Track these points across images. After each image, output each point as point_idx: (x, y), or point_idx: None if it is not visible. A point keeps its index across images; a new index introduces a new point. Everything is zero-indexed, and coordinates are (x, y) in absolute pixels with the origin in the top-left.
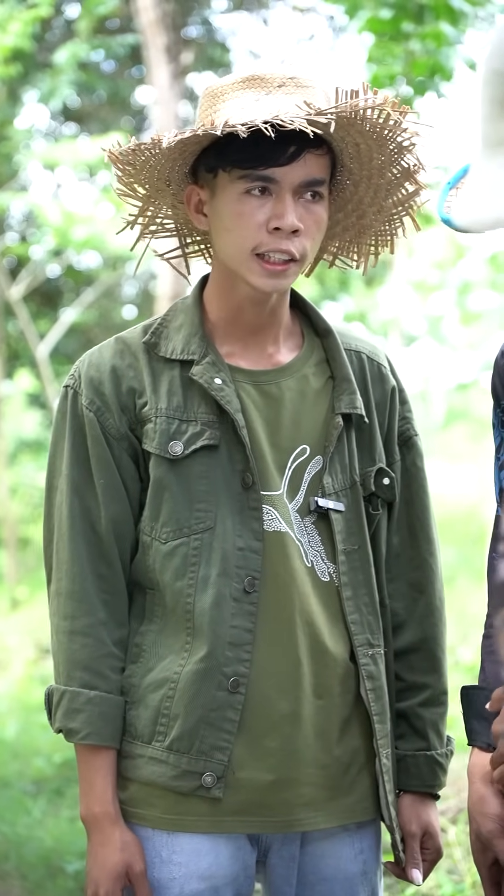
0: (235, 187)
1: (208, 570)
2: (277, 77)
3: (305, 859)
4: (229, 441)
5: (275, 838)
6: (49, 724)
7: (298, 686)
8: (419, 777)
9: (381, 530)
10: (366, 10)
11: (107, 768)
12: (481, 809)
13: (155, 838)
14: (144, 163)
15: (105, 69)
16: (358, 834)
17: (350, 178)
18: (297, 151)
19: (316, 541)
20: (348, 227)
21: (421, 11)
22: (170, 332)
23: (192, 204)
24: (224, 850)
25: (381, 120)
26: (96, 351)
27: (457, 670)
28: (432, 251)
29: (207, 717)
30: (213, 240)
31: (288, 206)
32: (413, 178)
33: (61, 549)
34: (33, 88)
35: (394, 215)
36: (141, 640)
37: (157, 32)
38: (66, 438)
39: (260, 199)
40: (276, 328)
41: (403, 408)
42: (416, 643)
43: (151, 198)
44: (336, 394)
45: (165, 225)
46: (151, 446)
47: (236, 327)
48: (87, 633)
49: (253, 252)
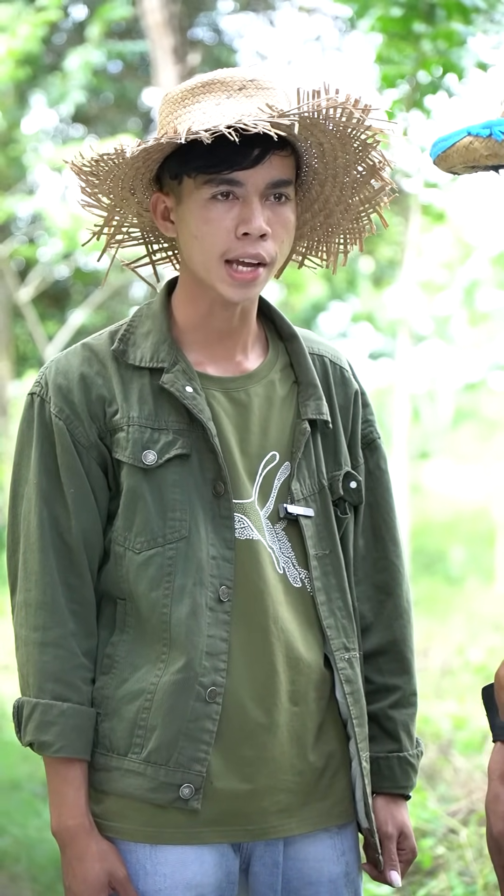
0: (201, 193)
1: (184, 579)
2: (237, 80)
3: (289, 864)
4: (200, 449)
5: (256, 845)
6: (17, 738)
7: (274, 694)
8: (392, 779)
9: (349, 534)
10: (376, 10)
11: (79, 780)
12: (496, 808)
13: (138, 851)
14: (108, 173)
15: (112, 70)
16: (339, 835)
17: (316, 178)
18: (262, 154)
19: (287, 547)
20: (316, 227)
21: (432, 10)
22: (137, 339)
23: (159, 212)
24: (208, 858)
25: (344, 119)
26: (63, 358)
27: (466, 670)
28: (439, 251)
29: (185, 728)
30: (181, 247)
31: (255, 210)
32: (378, 174)
33: (30, 558)
34: (41, 91)
35: (361, 213)
36: (113, 651)
37: (164, 34)
38: (33, 447)
39: (226, 203)
40: (246, 334)
41: (366, 411)
42: (384, 645)
43: (116, 207)
44: (302, 399)
45: (131, 234)
46: (124, 455)
47: (205, 334)
48: (59, 644)
49: (222, 258)
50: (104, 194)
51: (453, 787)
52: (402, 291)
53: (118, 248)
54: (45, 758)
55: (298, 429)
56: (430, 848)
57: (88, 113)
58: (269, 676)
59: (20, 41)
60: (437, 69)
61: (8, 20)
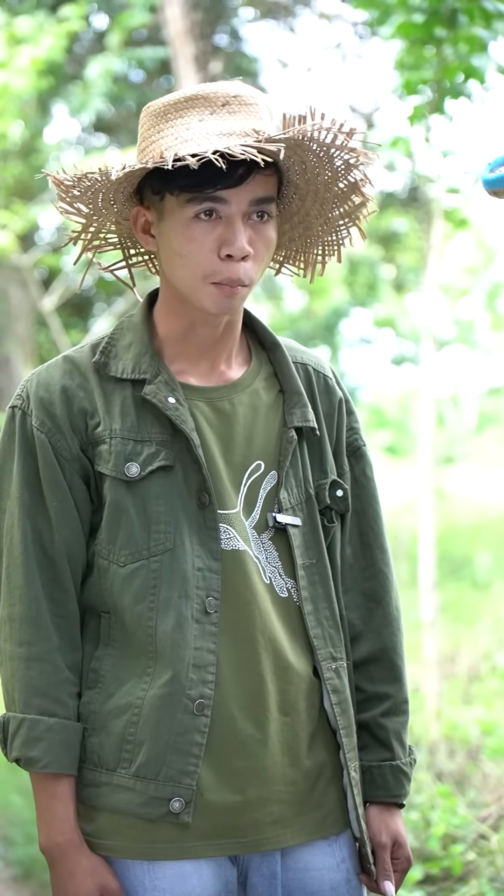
0: (184, 211)
1: (169, 592)
2: (221, 95)
3: (288, 874)
4: (184, 460)
5: (252, 857)
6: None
7: (263, 704)
8: (385, 787)
9: (336, 542)
10: (397, 16)
11: (67, 795)
12: None
13: (135, 867)
14: (88, 188)
15: (134, 79)
16: (337, 843)
17: (297, 193)
18: (246, 174)
19: (273, 557)
20: (294, 238)
21: (454, 15)
22: (118, 351)
23: (139, 225)
24: (206, 871)
25: (328, 140)
26: (44, 370)
27: (494, 676)
28: (462, 255)
29: (174, 741)
30: (163, 262)
31: (238, 231)
32: (359, 190)
33: (13, 573)
34: (63, 101)
35: (340, 226)
36: (98, 666)
37: (186, 42)
38: (14, 460)
39: (209, 223)
40: (230, 346)
41: (350, 418)
42: (374, 653)
43: (94, 215)
44: (287, 407)
45: (109, 239)
46: (106, 468)
47: (187, 345)
48: (44, 658)
49: (205, 280)
50: (83, 204)
51: (483, 793)
52: (426, 296)
53: (95, 253)
54: (32, 774)
55: (285, 437)
56: (461, 854)
57: (110, 122)
58: (258, 687)
59: (43, 51)
60: (458, 74)
61: (31, 31)
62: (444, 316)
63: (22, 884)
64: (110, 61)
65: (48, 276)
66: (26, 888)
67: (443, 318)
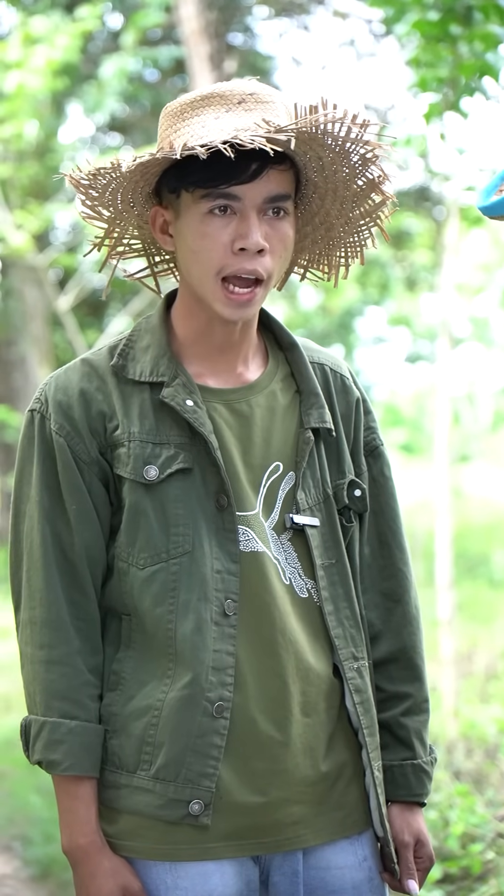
0: (199, 207)
1: (188, 594)
2: (237, 93)
3: (311, 873)
4: (203, 463)
5: (274, 856)
6: (26, 757)
7: (285, 706)
8: (407, 787)
9: (355, 542)
10: (412, 14)
11: (89, 798)
12: None
13: (157, 866)
14: (105, 186)
15: (148, 78)
16: (359, 842)
17: (316, 192)
18: (260, 168)
19: (293, 557)
20: (317, 240)
21: (469, 12)
22: (136, 354)
23: (157, 225)
24: (228, 869)
25: (343, 133)
26: (62, 374)
27: None
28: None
29: (193, 744)
30: (179, 261)
31: (252, 225)
32: (378, 189)
33: (34, 576)
34: (77, 100)
35: (361, 226)
36: (119, 668)
37: (200, 41)
38: (34, 464)
39: (223, 218)
40: (247, 347)
41: (368, 418)
42: (394, 653)
43: (116, 219)
44: (304, 408)
45: (132, 245)
46: (125, 471)
47: (205, 347)
48: (65, 661)
49: (218, 276)
50: (104, 207)
51: (501, 792)
52: (441, 294)
53: (119, 259)
54: (54, 776)
55: (302, 438)
56: (480, 853)
57: (125, 121)
58: (280, 689)
59: (59, 51)
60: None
61: (46, 31)
62: (459, 313)
63: (40, 883)
64: (125, 61)
65: (63, 276)
66: (44, 888)
67: (458, 316)
